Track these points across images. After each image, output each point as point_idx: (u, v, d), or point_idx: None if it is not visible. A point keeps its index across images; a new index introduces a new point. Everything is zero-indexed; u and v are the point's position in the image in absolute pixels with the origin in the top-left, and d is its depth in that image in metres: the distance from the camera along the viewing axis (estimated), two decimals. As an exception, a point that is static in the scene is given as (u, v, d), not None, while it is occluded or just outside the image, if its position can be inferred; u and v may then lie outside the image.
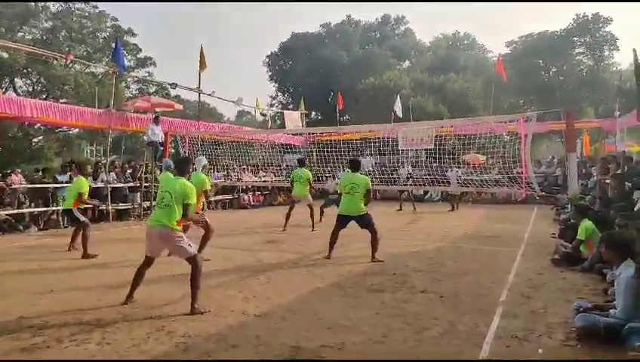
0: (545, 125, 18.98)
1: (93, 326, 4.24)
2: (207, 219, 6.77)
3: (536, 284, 5.72)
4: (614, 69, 30.88)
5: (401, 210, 15.29)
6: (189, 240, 4.93)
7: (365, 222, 7.30)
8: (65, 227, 11.35)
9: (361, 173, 7.64)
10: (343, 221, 7.40)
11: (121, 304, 4.83)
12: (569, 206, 10.64)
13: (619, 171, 9.98)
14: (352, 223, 7.40)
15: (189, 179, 5.19)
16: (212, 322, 4.35)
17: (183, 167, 5.23)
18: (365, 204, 7.30)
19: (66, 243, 8.28)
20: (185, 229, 7.02)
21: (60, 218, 11.87)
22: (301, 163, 11.34)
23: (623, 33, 41.83)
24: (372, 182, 8.04)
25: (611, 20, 30.39)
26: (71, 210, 8.07)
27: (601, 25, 30.62)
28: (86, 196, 8.14)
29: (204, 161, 8.31)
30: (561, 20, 68.92)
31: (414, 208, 15.21)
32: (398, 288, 5.57)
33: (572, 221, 8.23)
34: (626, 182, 8.91)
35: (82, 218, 8.06)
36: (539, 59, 31.99)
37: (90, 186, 8.52)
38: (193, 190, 4.94)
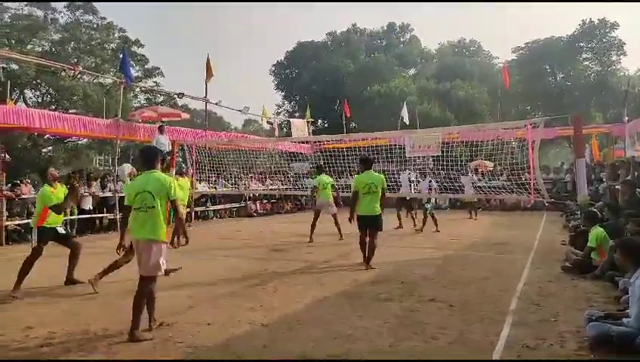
0: (553, 131, 18.84)
1: (99, 336, 4.23)
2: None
3: (546, 292, 5.64)
4: (622, 73, 30.70)
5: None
6: (165, 257, 4.37)
7: (377, 224, 7.12)
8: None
9: (375, 172, 7.42)
10: (364, 222, 7.17)
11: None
12: (579, 212, 10.51)
13: (629, 177, 9.85)
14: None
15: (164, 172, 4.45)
16: (218, 332, 4.32)
17: (150, 158, 4.34)
18: (380, 205, 7.10)
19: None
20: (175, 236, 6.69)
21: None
22: (320, 170, 11.20)
23: (631, 38, 41.63)
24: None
25: (618, 25, 30.28)
26: (32, 228, 6.39)
27: (607, 30, 30.49)
28: (55, 206, 6.08)
29: (127, 168, 7.08)
30: (568, 26, 68.72)
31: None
32: (406, 297, 5.51)
33: (582, 228, 8.12)
34: (637, 189, 8.77)
35: (35, 242, 6.33)
36: (545, 65, 31.91)
37: (65, 193, 6.24)
38: (173, 183, 4.28)
